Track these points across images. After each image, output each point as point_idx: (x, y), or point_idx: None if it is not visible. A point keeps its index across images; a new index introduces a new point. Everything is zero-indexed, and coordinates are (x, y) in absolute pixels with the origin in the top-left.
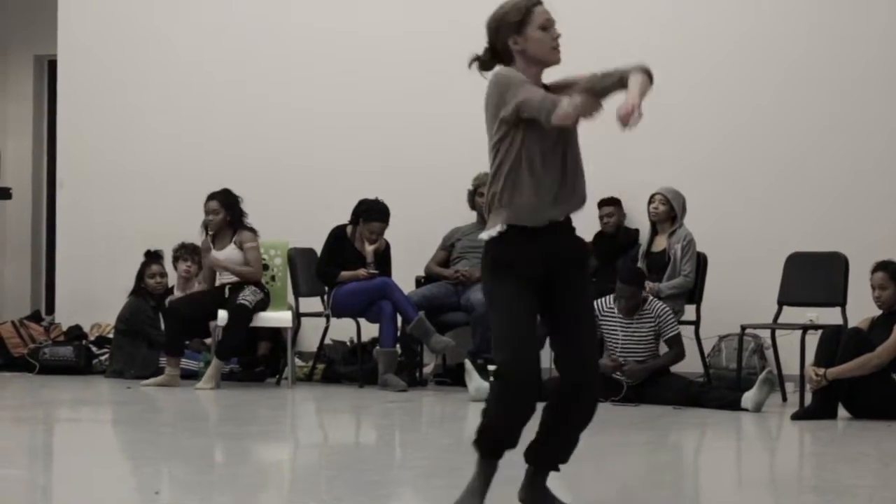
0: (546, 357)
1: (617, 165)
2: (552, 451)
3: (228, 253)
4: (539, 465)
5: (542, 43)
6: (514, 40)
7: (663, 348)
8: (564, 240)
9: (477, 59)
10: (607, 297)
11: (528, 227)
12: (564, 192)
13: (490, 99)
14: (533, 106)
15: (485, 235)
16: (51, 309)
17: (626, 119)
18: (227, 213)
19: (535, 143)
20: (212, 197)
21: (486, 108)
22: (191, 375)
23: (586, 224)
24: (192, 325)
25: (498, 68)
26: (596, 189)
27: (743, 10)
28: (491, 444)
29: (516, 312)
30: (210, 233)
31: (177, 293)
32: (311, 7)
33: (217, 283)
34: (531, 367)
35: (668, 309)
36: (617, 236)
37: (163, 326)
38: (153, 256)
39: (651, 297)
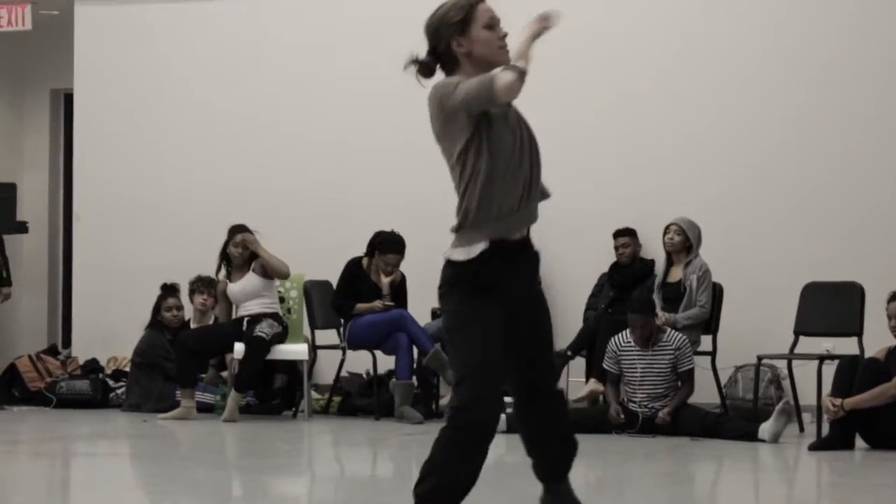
0: (562, 389)
1: (632, 196)
2: (553, 461)
3: (246, 282)
4: (551, 479)
5: (489, 43)
6: (457, 42)
7: None
8: (534, 255)
9: (416, 63)
10: (623, 332)
11: (508, 244)
12: (530, 202)
13: (434, 118)
14: (473, 95)
15: (459, 256)
16: (67, 342)
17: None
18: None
19: (499, 154)
20: (240, 230)
21: (433, 127)
22: (207, 409)
23: (601, 254)
24: (204, 357)
25: (433, 86)
26: (611, 219)
27: (757, 45)
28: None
29: (492, 343)
30: (224, 268)
31: (193, 326)
32: (326, 42)
33: (234, 315)
34: (498, 407)
35: (687, 341)
36: (632, 267)
37: None
38: (169, 290)
39: (669, 329)
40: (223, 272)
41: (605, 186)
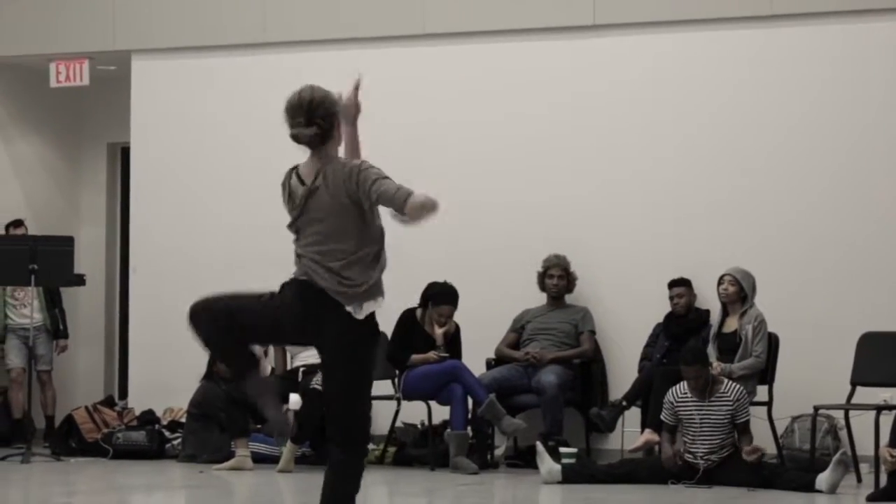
0: (617, 439)
1: (686, 246)
2: None
3: None
4: None
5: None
6: (339, 127)
7: None
8: None
9: (302, 136)
10: (680, 383)
11: None
12: None
13: (349, 185)
14: (390, 194)
15: (376, 307)
16: (124, 394)
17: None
18: None
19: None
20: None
21: (338, 193)
22: (263, 459)
23: (656, 305)
24: (255, 408)
25: (362, 160)
26: (666, 269)
27: (809, 86)
28: None
29: None
30: None
31: None
32: (380, 95)
33: (290, 366)
34: None
35: (745, 393)
36: (687, 317)
37: None
38: None
39: (727, 380)
40: None
41: (659, 236)
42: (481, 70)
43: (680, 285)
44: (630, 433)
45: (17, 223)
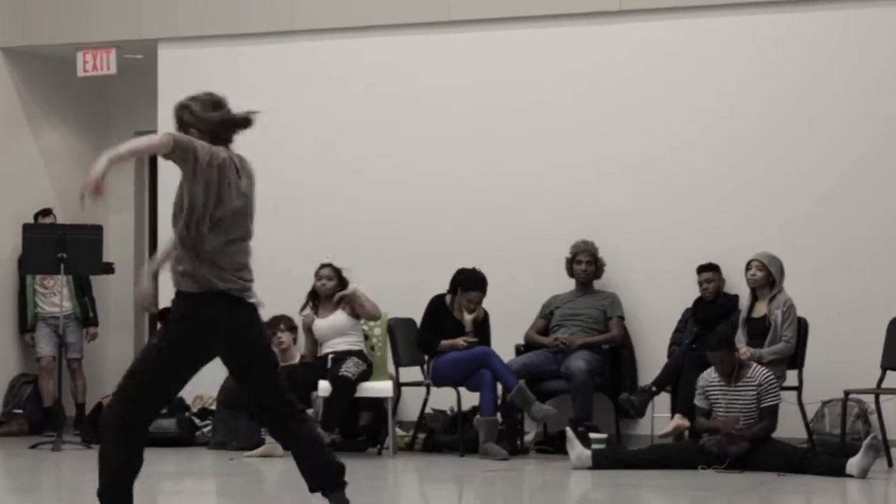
0: (647, 425)
1: (714, 230)
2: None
3: (335, 319)
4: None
5: None
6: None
7: None
8: None
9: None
10: (710, 368)
11: None
12: None
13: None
14: None
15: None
16: None
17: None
18: (338, 281)
19: None
20: (326, 265)
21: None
22: None
23: (685, 290)
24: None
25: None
26: (694, 254)
27: (838, 70)
28: None
29: None
30: (311, 304)
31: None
32: (408, 82)
33: (320, 353)
34: None
35: (772, 377)
36: (716, 302)
37: None
38: None
39: (755, 365)
40: (308, 309)
41: (687, 221)
42: (508, 56)
43: (708, 270)
44: (660, 418)
45: (46, 212)
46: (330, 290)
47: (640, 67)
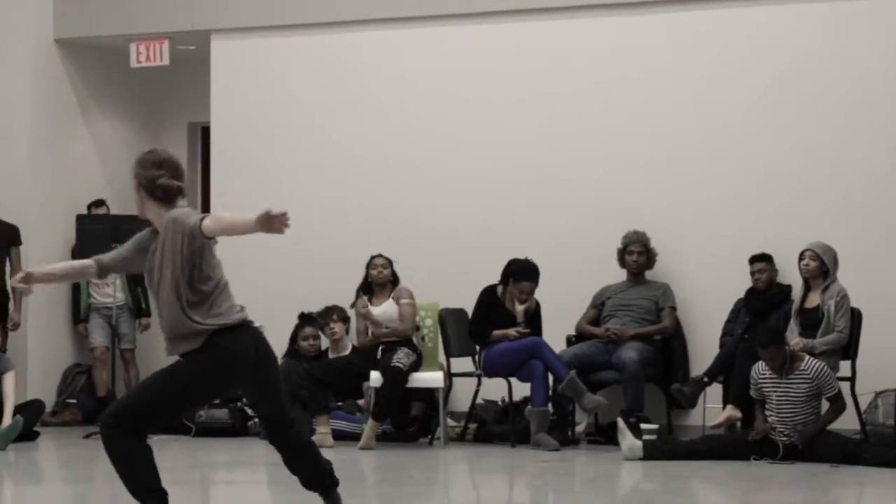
0: (699, 415)
1: (768, 220)
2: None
3: (385, 308)
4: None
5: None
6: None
7: (825, 404)
8: None
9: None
10: (761, 361)
11: None
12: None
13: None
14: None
15: None
16: None
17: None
18: (392, 270)
19: None
20: (379, 255)
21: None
22: (343, 436)
23: (738, 280)
24: (337, 386)
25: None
26: (747, 244)
27: (885, 50)
28: None
29: None
30: (364, 294)
31: (330, 355)
32: (455, 74)
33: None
34: None
35: (825, 369)
36: (769, 293)
37: None
38: (306, 319)
39: (807, 357)
40: (363, 298)
41: (739, 211)
42: (554, 45)
43: (761, 261)
44: (712, 409)
45: (99, 203)
46: (385, 279)
47: (683, 52)
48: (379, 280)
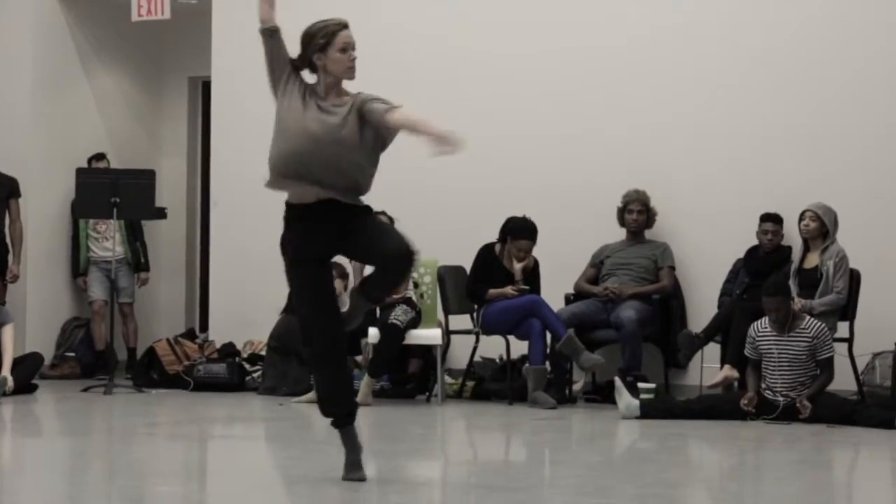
0: (696, 375)
1: (767, 180)
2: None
3: None
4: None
5: (340, 62)
6: (317, 57)
7: None
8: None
9: (292, 61)
10: (763, 318)
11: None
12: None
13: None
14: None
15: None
16: (205, 326)
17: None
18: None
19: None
20: (383, 212)
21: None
22: None
23: (736, 240)
24: None
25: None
26: (746, 204)
27: (892, 1)
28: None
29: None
30: None
31: None
32: (462, 31)
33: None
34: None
35: (825, 330)
36: (769, 253)
37: None
38: None
39: (808, 316)
40: None
41: (739, 171)
42: (556, 2)
43: (772, 221)
44: (709, 369)
45: (100, 156)
46: None
47: (691, 12)
48: None
